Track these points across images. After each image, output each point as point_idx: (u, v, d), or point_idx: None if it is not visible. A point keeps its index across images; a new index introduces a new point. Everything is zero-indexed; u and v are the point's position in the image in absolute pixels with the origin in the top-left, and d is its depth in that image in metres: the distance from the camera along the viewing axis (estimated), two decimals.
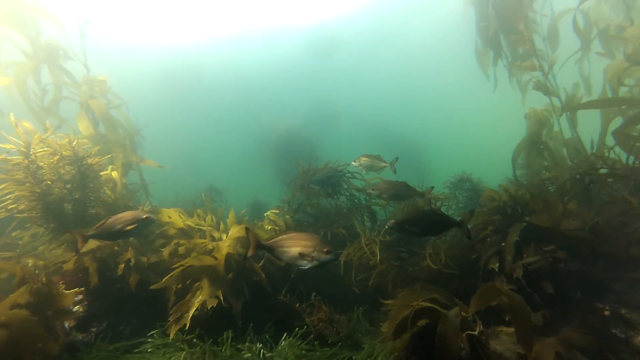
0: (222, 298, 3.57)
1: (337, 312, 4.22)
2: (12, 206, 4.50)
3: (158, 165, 6.99)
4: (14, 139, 4.64)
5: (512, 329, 2.93)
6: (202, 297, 3.57)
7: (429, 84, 32.03)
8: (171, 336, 3.38)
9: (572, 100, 6.04)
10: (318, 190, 5.72)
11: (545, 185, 5.19)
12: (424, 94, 32.98)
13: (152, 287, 3.71)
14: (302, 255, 2.81)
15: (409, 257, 4.76)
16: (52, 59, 7.44)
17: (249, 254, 2.95)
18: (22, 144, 4.55)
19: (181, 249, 4.23)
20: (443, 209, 5.90)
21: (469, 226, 3.85)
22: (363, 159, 5.13)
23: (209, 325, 3.53)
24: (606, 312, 3.26)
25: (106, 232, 3.38)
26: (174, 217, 4.96)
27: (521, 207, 4.31)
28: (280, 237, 2.97)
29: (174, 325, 3.42)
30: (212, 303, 3.54)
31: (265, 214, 5.39)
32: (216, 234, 4.61)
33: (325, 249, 2.84)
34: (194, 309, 3.52)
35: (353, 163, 5.15)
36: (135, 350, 3.48)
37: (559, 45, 7.69)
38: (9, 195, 4.51)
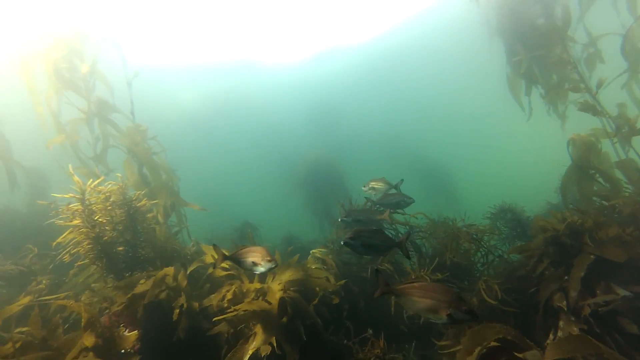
0: (275, 344, 3.49)
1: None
2: (74, 250, 4.73)
3: (200, 208, 7.21)
4: (72, 187, 4.99)
5: None
6: (256, 344, 3.52)
7: (460, 109, 31.88)
8: None
9: (622, 118, 5.80)
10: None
11: (605, 213, 4.86)
12: (454, 119, 32.75)
13: (210, 333, 3.71)
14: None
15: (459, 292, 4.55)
16: (103, 113, 8.07)
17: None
18: (79, 191, 4.85)
19: (229, 294, 4.23)
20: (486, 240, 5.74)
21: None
22: (372, 183, 5.26)
23: None
24: None
25: (237, 260, 3.64)
26: (208, 250, 5.04)
27: (581, 237, 4.04)
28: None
29: None
30: (265, 350, 3.47)
31: (311, 252, 5.42)
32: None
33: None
34: (248, 356, 3.46)
35: (363, 188, 5.34)
36: None
37: (597, 68, 7.54)
38: (72, 241, 4.77)
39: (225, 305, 4.09)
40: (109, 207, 4.91)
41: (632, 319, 3.22)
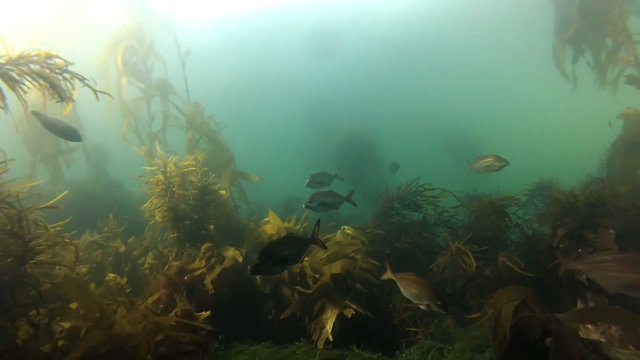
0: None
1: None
2: (158, 216, 5.61)
3: (259, 179, 7.98)
4: (156, 160, 5.84)
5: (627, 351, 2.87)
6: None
7: (500, 79, 30.14)
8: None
9: None
10: (400, 207, 6.47)
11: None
12: (492, 89, 31.06)
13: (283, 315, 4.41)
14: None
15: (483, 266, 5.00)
16: (163, 93, 8.90)
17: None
18: (162, 164, 5.68)
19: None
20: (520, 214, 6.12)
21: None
22: (315, 176, 5.34)
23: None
24: None
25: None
26: (273, 219, 5.75)
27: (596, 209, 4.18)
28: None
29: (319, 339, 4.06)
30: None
31: (342, 227, 6.04)
32: None
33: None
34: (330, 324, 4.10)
35: (307, 181, 5.24)
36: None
37: None
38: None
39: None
40: (186, 184, 5.67)
41: None
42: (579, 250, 3.98)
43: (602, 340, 3.12)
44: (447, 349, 3.68)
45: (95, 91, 5.21)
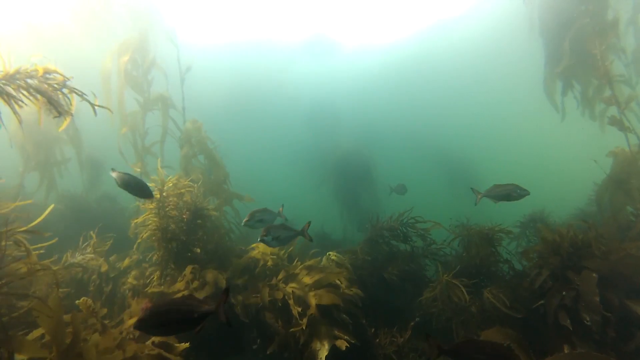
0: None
1: None
2: (145, 234, 5.56)
3: (251, 200, 7.96)
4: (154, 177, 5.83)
5: None
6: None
7: (494, 109, 30.79)
8: None
9: None
10: (389, 237, 6.41)
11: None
12: (487, 118, 31.69)
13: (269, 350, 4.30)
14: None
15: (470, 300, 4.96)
16: (164, 107, 8.99)
17: None
18: (159, 182, 5.68)
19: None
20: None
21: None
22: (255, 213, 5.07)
23: None
24: None
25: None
26: (261, 245, 5.69)
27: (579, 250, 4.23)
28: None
29: None
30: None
31: (327, 254, 5.99)
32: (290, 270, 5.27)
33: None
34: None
35: (245, 220, 4.88)
36: None
37: None
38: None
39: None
40: (180, 204, 5.66)
41: None
42: (563, 293, 3.96)
43: None
44: None
45: (94, 106, 5.26)
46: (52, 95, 4.89)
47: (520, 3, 8.72)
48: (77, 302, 3.60)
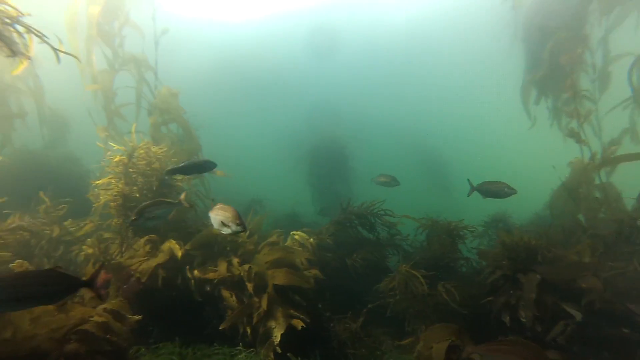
0: None
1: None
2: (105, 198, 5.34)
3: (224, 174, 7.80)
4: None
5: None
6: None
7: (470, 107, 31.52)
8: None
9: (609, 151, 6.24)
10: (357, 226, 6.46)
11: (578, 234, 5.43)
12: (462, 116, 32.46)
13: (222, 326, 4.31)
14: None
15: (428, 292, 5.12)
16: (137, 70, 8.50)
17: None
18: (131, 147, 5.44)
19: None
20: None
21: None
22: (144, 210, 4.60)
23: None
24: None
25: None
26: None
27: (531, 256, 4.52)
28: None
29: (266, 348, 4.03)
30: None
31: (291, 233, 6.00)
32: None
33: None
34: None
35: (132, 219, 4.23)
36: None
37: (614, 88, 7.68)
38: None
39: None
40: (147, 171, 5.45)
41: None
42: (511, 292, 4.24)
43: None
44: None
45: (56, 51, 4.83)
46: (2, 31, 4.44)
47: (509, 7, 8.81)
48: (11, 265, 3.44)
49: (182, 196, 4.30)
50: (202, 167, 5.28)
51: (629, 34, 6.82)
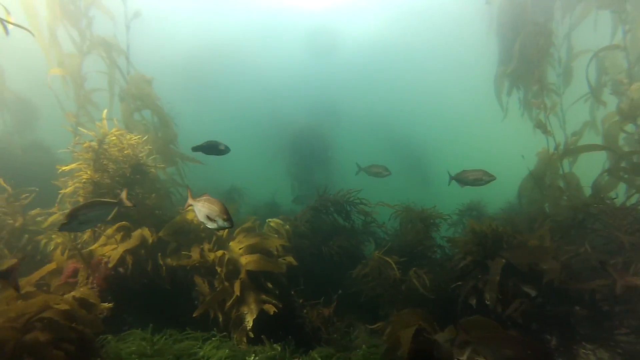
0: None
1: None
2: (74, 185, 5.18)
3: (199, 162, 7.68)
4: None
5: None
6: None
7: (448, 99, 32.15)
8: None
9: (571, 142, 6.60)
10: (333, 213, 6.54)
11: (540, 220, 5.73)
12: (442, 104, 33.10)
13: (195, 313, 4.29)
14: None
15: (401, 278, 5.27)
16: (108, 53, 8.15)
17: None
18: (101, 133, 5.26)
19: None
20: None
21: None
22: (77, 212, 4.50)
23: None
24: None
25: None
26: None
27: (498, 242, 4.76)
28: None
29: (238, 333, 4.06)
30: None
31: (267, 220, 5.97)
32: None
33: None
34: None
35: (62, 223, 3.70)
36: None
37: (578, 82, 8.05)
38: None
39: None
40: (119, 158, 5.30)
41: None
42: (479, 277, 4.45)
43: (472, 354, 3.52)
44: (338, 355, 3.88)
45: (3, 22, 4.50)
46: None
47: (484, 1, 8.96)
48: None
49: (123, 194, 3.99)
50: (220, 151, 5.43)
51: (590, 31, 7.13)
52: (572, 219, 4.93)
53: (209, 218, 3.41)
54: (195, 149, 5.41)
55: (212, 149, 5.37)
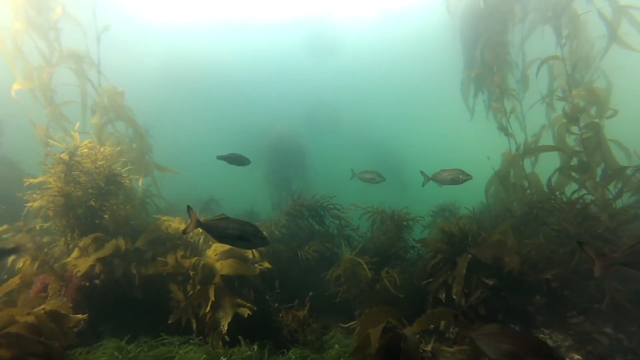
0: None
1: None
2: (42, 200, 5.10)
3: (175, 172, 7.66)
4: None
5: (452, 349, 3.57)
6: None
7: (421, 105, 33.17)
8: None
9: (530, 143, 7.10)
10: (308, 218, 6.71)
11: (503, 217, 6.09)
12: (413, 111, 34.12)
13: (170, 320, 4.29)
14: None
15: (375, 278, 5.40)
16: (78, 65, 8.06)
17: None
18: (72, 145, 5.23)
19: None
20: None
21: None
22: None
23: None
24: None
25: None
26: (176, 222, 5.65)
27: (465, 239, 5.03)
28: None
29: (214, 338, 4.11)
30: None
31: None
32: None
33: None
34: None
35: None
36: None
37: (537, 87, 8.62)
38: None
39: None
40: (93, 170, 5.26)
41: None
42: (449, 273, 4.68)
43: (436, 345, 3.72)
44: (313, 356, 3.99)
45: None
46: None
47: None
48: None
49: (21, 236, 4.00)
50: (242, 161, 5.85)
51: (540, 41, 7.71)
52: (528, 214, 5.29)
53: (240, 238, 3.24)
54: (220, 158, 5.78)
55: (235, 159, 5.76)
